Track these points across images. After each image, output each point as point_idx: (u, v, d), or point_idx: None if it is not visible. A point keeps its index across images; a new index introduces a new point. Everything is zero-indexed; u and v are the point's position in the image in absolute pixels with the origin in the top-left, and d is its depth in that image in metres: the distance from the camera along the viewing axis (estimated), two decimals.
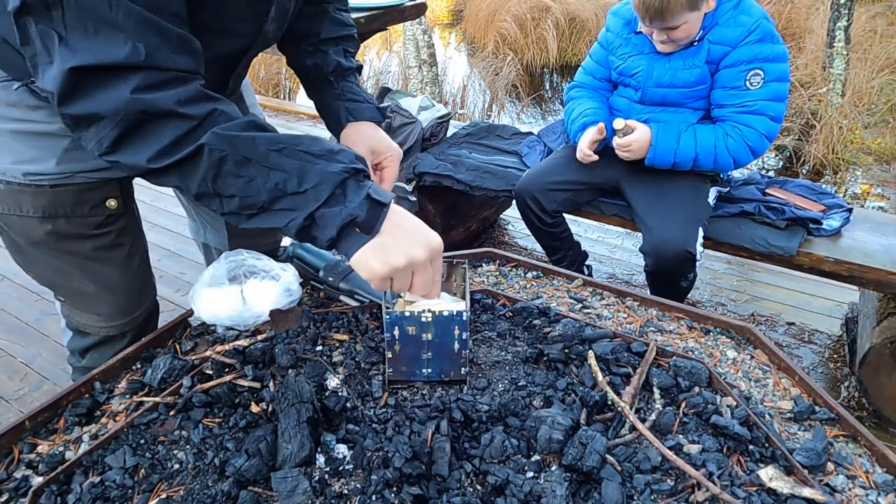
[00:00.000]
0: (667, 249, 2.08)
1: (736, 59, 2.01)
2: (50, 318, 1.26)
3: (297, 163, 0.81)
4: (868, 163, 4.89)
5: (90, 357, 1.32)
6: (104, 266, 1.20)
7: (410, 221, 0.88)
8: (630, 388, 0.97)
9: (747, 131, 2.04)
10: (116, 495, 0.83)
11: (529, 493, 0.79)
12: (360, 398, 0.98)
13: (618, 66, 2.26)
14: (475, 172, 2.63)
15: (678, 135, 2.11)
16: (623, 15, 2.25)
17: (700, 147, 2.09)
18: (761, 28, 1.99)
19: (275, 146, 0.81)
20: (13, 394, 2.37)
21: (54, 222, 1.10)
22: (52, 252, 1.15)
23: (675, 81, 2.13)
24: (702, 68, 2.08)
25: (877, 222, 2.28)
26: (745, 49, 2.00)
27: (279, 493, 0.80)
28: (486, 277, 1.33)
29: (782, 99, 2.05)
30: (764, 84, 2.01)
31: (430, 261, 0.88)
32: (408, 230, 0.86)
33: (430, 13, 9.19)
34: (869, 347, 2.14)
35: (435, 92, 6.37)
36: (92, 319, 1.26)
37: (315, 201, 0.81)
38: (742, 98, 2.04)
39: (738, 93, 2.04)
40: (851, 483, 0.85)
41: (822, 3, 6.59)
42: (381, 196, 0.84)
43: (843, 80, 5.31)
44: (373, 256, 0.84)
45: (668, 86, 2.15)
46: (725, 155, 2.08)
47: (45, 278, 1.23)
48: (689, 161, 2.12)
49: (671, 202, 2.16)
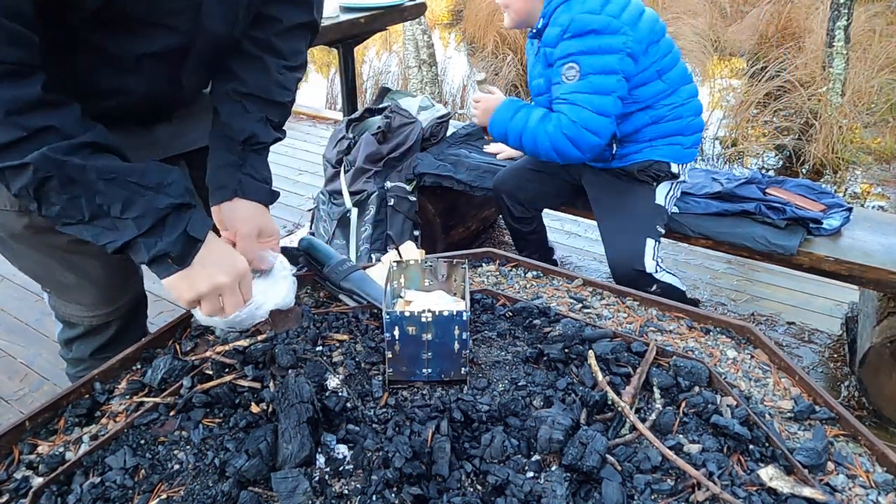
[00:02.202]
0: (619, 269, 2.15)
1: (557, 55, 2.03)
2: (50, 318, 1.26)
3: (126, 193, 0.85)
4: (868, 162, 4.89)
5: (77, 347, 1.33)
6: (83, 258, 1.20)
7: (216, 250, 0.95)
8: (630, 388, 0.97)
9: (561, 118, 2.02)
10: (117, 496, 0.83)
11: (529, 493, 0.79)
12: (360, 398, 0.98)
13: None
14: (475, 172, 2.63)
15: (516, 111, 2.14)
16: None
17: (526, 127, 2.11)
18: (575, 23, 1.97)
19: (105, 175, 0.84)
20: (13, 394, 2.37)
21: (31, 216, 1.11)
22: (31, 245, 1.16)
23: (533, 91, 2.21)
24: (545, 75, 2.13)
25: (877, 222, 2.28)
26: (562, 45, 2.01)
27: (279, 493, 0.80)
28: (486, 277, 1.33)
29: (603, 92, 1.99)
30: (581, 77, 2.00)
31: (238, 283, 0.96)
32: (213, 258, 0.93)
33: (430, 13, 9.18)
34: (869, 347, 2.14)
35: (435, 92, 6.37)
36: (76, 309, 1.27)
37: (135, 230, 0.86)
38: (559, 91, 2.05)
39: (557, 87, 2.06)
40: (852, 482, 0.85)
41: (821, 2, 6.58)
42: (197, 233, 0.91)
43: (843, 79, 5.31)
44: (181, 282, 0.92)
45: (536, 95, 2.22)
46: (545, 139, 2.06)
47: (29, 271, 1.25)
48: (517, 137, 2.15)
49: (620, 214, 2.21)
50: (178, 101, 1.18)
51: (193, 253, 0.92)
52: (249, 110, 1.12)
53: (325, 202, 2.84)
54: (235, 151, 1.12)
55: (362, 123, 2.93)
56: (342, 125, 2.95)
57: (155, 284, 1.42)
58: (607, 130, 2.03)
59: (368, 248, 2.65)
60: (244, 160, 1.12)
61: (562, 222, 3.48)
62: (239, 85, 1.12)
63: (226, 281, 0.94)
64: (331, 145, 2.94)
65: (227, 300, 0.96)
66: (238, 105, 1.12)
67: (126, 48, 0.95)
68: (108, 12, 0.88)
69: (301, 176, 4.21)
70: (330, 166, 2.90)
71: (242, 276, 0.96)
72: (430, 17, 8.91)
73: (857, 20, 5.84)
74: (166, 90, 1.08)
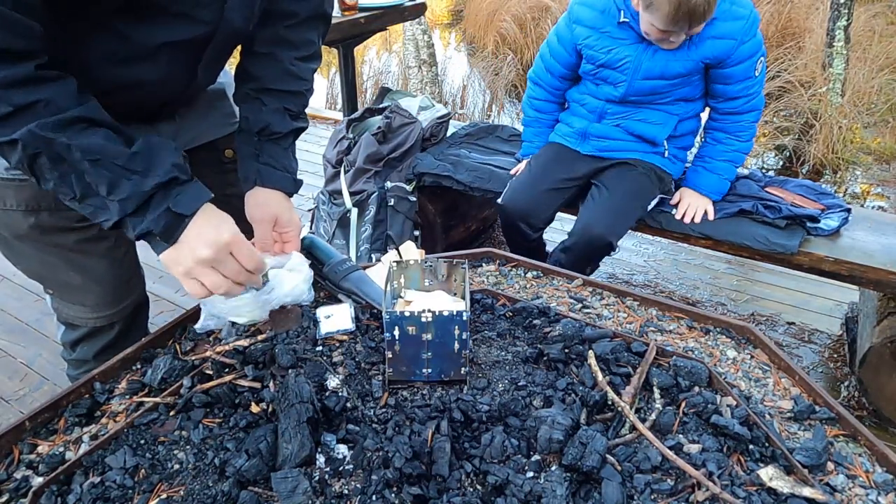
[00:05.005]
0: (587, 234, 2.20)
1: (745, 52, 2.05)
2: (50, 318, 1.26)
3: (110, 175, 0.85)
4: (868, 162, 4.89)
5: (80, 349, 1.33)
6: (89, 258, 1.20)
7: (203, 223, 0.91)
8: (630, 388, 0.97)
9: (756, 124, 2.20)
10: (117, 496, 0.83)
11: (529, 493, 0.79)
12: (360, 398, 0.98)
13: (598, 60, 2.20)
14: (474, 173, 2.63)
15: (718, 167, 2.26)
16: (595, 5, 2.16)
17: (735, 157, 2.25)
18: (755, 19, 2.02)
19: (90, 156, 0.83)
20: (13, 394, 2.37)
21: (38, 215, 1.11)
22: (37, 245, 1.16)
23: (666, 73, 2.12)
24: (695, 63, 2.09)
25: (877, 222, 2.28)
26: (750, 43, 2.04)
27: (279, 493, 0.80)
28: (486, 277, 1.33)
29: None
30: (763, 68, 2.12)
31: (229, 252, 0.92)
32: (197, 231, 0.90)
33: (430, 13, 9.18)
34: (869, 347, 2.14)
35: (435, 92, 6.37)
36: (79, 311, 1.27)
37: (121, 212, 0.86)
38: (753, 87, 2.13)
39: (749, 82, 2.11)
40: (851, 482, 0.85)
41: (821, 2, 6.58)
42: (183, 209, 0.89)
43: (843, 79, 5.31)
44: (170, 259, 0.92)
45: (657, 77, 2.14)
46: (747, 151, 2.24)
47: (33, 271, 1.24)
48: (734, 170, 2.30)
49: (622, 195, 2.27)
50: (186, 95, 1.18)
51: (181, 228, 0.90)
52: (266, 103, 1.16)
53: (325, 202, 2.84)
54: (252, 143, 1.16)
55: (362, 123, 2.93)
56: (342, 125, 2.95)
57: (155, 284, 1.41)
58: None
59: (368, 248, 2.65)
60: (260, 150, 1.16)
61: (562, 222, 3.47)
62: (255, 83, 1.17)
63: (208, 254, 0.90)
64: (331, 145, 2.94)
65: (223, 271, 0.92)
66: (256, 101, 1.16)
67: (149, 36, 0.95)
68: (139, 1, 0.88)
69: (301, 176, 4.20)
70: (330, 166, 2.90)
71: (229, 245, 0.92)
72: (430, 17, 8.92)
73: (857, 20, 5.84)
74: (180, 82, 1.08)
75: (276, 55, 1.16)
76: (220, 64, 1.18)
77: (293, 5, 1.14)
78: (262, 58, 1.16)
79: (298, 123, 1.20)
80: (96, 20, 0.90)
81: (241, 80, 1.19)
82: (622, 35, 2.12)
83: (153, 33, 0.94)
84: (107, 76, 0.96)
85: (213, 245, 0.90)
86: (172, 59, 1.01)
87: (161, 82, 1.04)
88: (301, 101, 1.21)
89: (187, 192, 0.90)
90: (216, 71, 1.20)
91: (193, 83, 1.11)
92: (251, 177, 1.15)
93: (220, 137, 1.33)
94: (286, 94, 1.18)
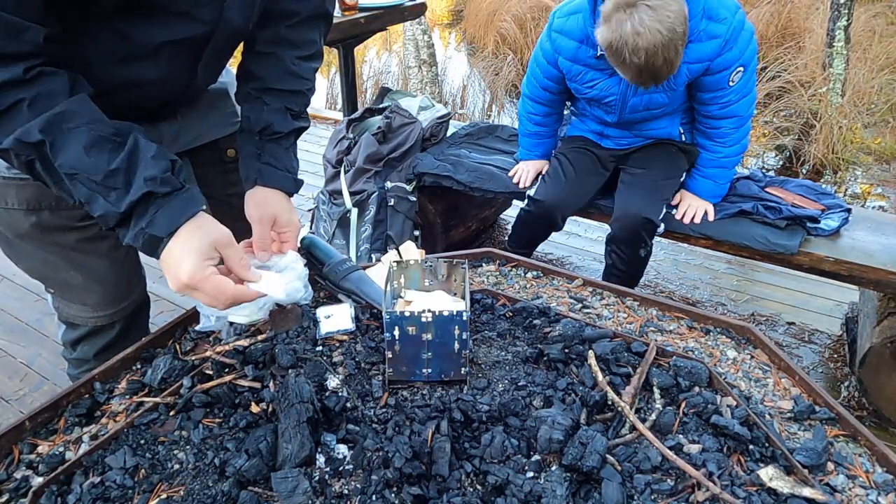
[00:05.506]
0: (629, 217, 2.23)
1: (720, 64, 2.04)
2: (50, 318, 1.27)
3: (87, 192, 0.84)
4: (868, 162, 4.89)
5: (80, 349, 1.33)
6: (90, 257, 1.21)
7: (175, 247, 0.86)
8: (630, 388, 0.97)
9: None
10: (117, 495, 0.83)
11: (529, 493, 0.79)
12: (360, 398, 0.98)
13: (585, 94, 2.24)
14: (474, 173, 2.63)
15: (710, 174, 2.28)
16: (572, 34, 2.11)
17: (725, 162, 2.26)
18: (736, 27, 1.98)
19: (67, 170, 0.83)
20: (13, 394, 2.37)
21: (39, 214, 1.11)
22: (38, 244, 1.17)
23: (651, 104, 2.18)
24: (678, 89, 2.11)
25: (877, 222, 2.28)
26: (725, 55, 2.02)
27: (279, 493, 0.80)
28: (486, 277, 1.33)
29: None
30: None
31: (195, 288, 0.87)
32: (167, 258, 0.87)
33: (430, 13, 9.18)
34: (869, 347, 2.14)
35: (435, 92, 6.37)
36: (80, 310, 1.28)
37: (105, 225, 0.87)
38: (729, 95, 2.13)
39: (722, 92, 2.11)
40: (851, 483, 0.85)
41: (821, 2, 6.57)
42: (159, 230, 0.86)
43: (843, 79, 5.30)
44: (164, 271, 0.89)
45: (643, 110, 2.20)
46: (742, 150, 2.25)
47: (34, 270, 1.24)
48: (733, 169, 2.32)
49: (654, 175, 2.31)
50: (186, 95, 1.18)
51: (161, 247, 0.87)
52: (268, 102, 1.16)
53: (325, 202, 2.84)
54: (253, 142, 1.16)
55: (362, 123, 2.93)
56: (342, 125, 2.95)
57: (155, 284, 1.41)
58: None
59: (368, 248, 2.65)
60: (262, 150, 1.16)
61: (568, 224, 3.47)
62: (257, 83, 1.17)
63: (176, 286, 0.87)
64: (331, 145, 2.94)
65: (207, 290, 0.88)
66: (258, 101, 1.16)
67: (149, 35, 0.95)
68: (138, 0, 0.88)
69: (301, 176, 4.20)
70: (330, 166, 2.90)
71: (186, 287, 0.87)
72: (430, 17, 8.91)
73: (857, 20, 5.84)
74: (180, 81, 1.09)
75: (278, 55, 1.16)
76: (220, 63, 1.18)
77: (294, 5, 1.14)
78: (264, 57, 1.16)
79: (300, 123, 1.20)
80: (96, 20, 0.90)
81: (242, 80, 1.20)
82: (602, 65, 2.12)
83: (153, 32, 0.94)
84: (107, 76, 0.96)
85: (176, 282, 0.88)
86: (172, 59, 1.01)
87: (161, 81, 1.04)
88: (303, 100, 1.21)
89: (166, 210, 0.86)
90: (217, 70, 1.20)
91: (194, 82, 1.11)
92: (252, 176, 1.15)
93: (222, 137, 1.33)
94: (288, 93, 1.18)
